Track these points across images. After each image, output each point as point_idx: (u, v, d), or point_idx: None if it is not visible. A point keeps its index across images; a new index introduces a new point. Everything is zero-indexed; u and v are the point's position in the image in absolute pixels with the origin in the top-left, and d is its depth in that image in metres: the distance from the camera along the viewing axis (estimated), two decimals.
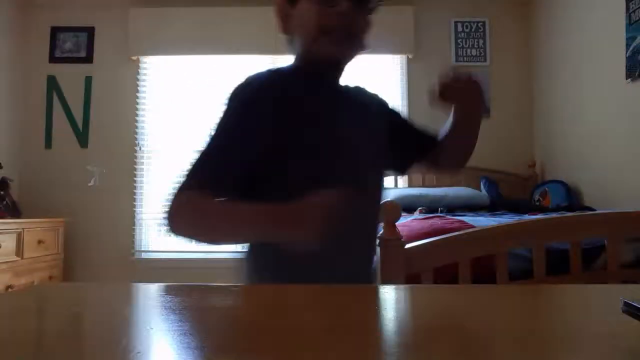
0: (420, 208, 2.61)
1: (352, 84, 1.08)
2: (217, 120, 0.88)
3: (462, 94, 0.95)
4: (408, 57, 3.64)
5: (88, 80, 3.64)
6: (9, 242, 2.87)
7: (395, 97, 3.64)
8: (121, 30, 3.64)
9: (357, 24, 0.92)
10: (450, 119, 1.02)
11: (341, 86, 1.03)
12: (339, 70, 1.00)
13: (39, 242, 3.11)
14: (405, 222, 1.85)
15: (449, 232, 1.46)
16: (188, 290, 0.61)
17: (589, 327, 0.46)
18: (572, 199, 2.92)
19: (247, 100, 0.89)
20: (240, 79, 0.91)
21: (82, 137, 3.61)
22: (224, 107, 0.90)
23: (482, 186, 3.30)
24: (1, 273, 2.77)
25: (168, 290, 0.62)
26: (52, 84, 3.63)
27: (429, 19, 3.66)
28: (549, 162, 3.39)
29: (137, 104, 3.66)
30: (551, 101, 3.34)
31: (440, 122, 1.07)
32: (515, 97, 3.63)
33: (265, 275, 0.93)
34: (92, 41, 3.65)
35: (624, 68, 2.49)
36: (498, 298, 0.62)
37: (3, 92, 3.47)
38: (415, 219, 2.00)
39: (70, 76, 3.64)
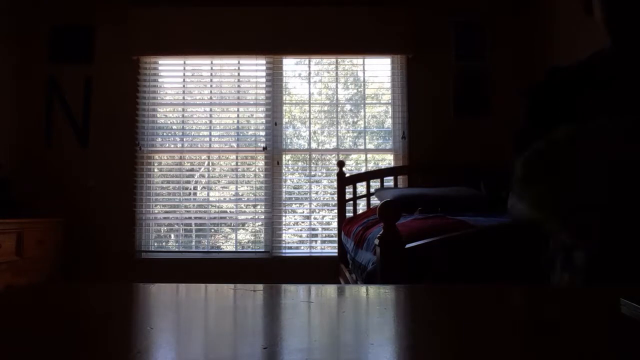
0: (420, 208, 2.61)
1: None
2: None
3: None
4: (408, 57, 3.64)
5: (88, 80, 3.64)
6: (9, 242, 2.87)
7: (395, 97, 3.64)
8: (121, 30, 3.64)
9: None
10: None
11: None
12: None
13: (39, 242, 3.11)
14: (405, 222, 1.85)
15: (449, 232, 1.46)
16: (188, 290, 0.61)
17: (589, 328, 0.46)
18: None
19: None
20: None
21: (82, 137, 3.61)
22: None
23: (482, 186, 3.30)
24: (1, 273, 2.77)
25: (168, 290, 0.62)
26: (52, 84, 3.63)
27: (429, 19, 3.66)
28: None
29: (137, 104, 3.66)
30: None
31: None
32: (515, 97, 3.63)
33: None
34: (92, 41, 3.65)
35: None
36: (498, 298, 0.62)
37: (3, 92, 3.47)
38: (415, 219, 2.01)
39: (70, 76, 3.63)
